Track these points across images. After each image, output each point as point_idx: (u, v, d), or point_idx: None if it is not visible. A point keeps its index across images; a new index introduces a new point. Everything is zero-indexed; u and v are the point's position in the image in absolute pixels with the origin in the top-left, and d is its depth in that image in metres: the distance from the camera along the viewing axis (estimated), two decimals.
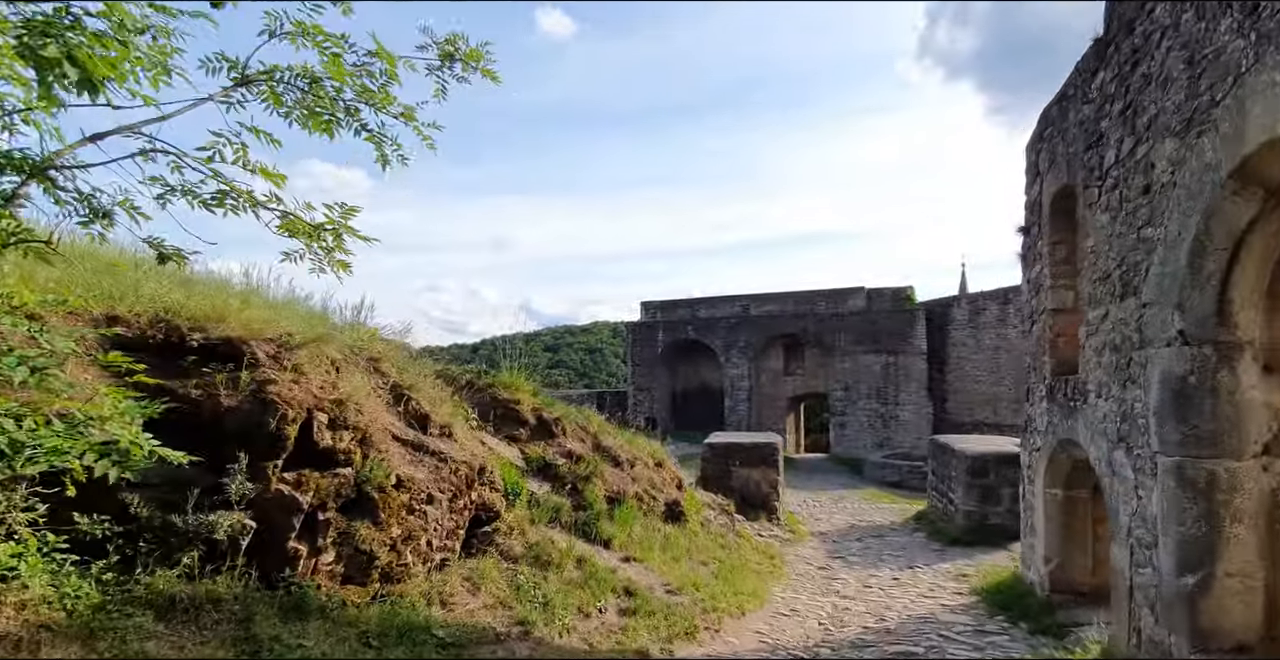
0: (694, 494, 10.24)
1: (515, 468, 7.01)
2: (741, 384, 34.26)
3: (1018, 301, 33.28)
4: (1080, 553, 7.70)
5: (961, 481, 12.32)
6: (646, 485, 8.69)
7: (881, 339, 32.43)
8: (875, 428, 32.17)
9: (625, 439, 9.16)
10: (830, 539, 12.70)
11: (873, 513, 15.80)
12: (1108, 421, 5.88)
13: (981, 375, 32.21)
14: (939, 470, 14.02)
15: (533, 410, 7.87)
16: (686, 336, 35.76)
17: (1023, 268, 8.88)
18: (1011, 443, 13.46)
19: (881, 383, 32.13)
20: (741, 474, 12.58)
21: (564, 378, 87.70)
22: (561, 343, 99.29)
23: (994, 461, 12.08)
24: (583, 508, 7.34)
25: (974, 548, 11.68)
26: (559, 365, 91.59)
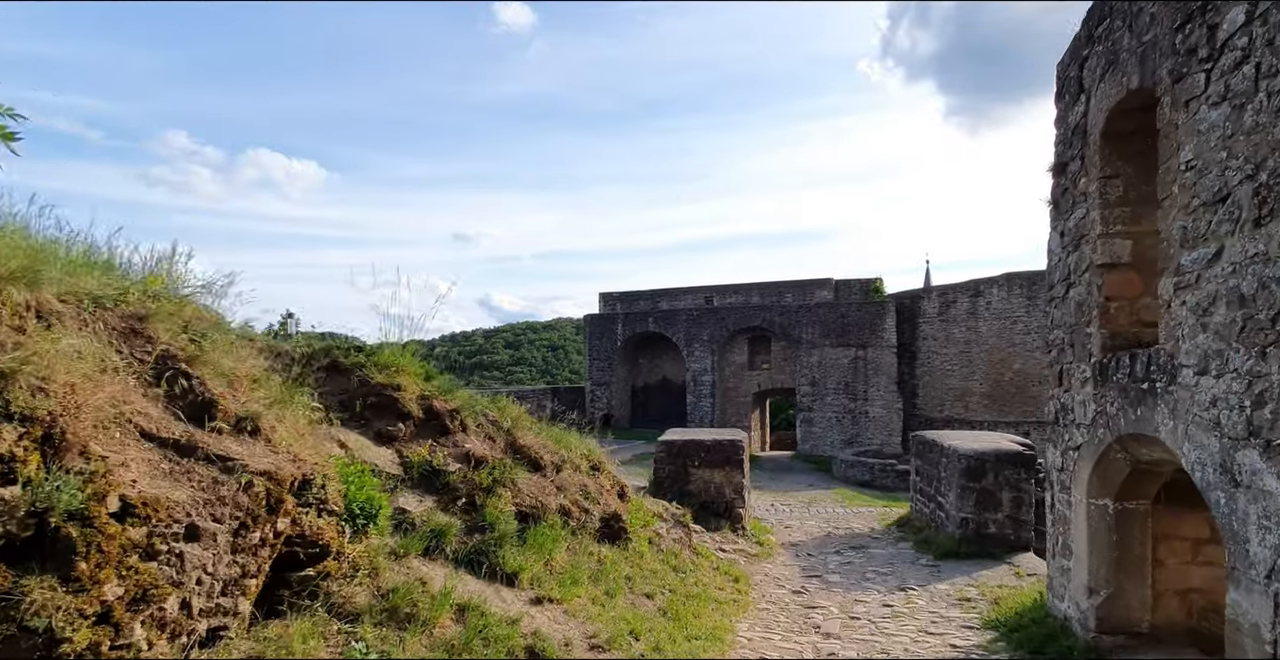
0: (642, 503, 8.30)
1: (379, 477, 4.97)
2: (704, 379, 32.47)
3: (989, 294, 32.08)
4: (1136, 582, 5.93)
5: (954, 484, 10.59)
6: (577, 495, 6.71)
7: (850, 332, 30.94)
8: (844, 424, 30.65)
9: (552, 437, 7.17)
10: (804, 551, 10.87)
11: (849, 518, 14.05)
12: (1222, 408, 4.07)
13: (952, 369, 30.90)
14: (925, 471, 12.30)
15: (419, 399, 5.83)
16: (647, 329, 33.86)
17: (1052, 218, 7.11)
18: (1008, 439, 11.80)
19: (850, 377, 30.62)
20: (701, 477, 10.67)
21: (526, 375, 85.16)
22: (523, 339, 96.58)
23: (992, 462, 10.38)
24: (480, 529, 5.33)
25: (970, 561, 9.95)
26: (521, 362, 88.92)
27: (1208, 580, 5.99)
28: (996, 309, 30.31)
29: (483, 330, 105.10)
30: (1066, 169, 6.69)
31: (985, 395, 29.87)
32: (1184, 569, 6.01)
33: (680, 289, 34.89)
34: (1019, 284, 30.30)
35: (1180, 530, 6.01)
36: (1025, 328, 29.93)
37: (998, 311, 30.29)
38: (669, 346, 34.10)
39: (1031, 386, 29.69)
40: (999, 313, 30.28)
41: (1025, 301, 30.08)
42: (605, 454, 7.83)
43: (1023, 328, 29.96)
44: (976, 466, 10.37)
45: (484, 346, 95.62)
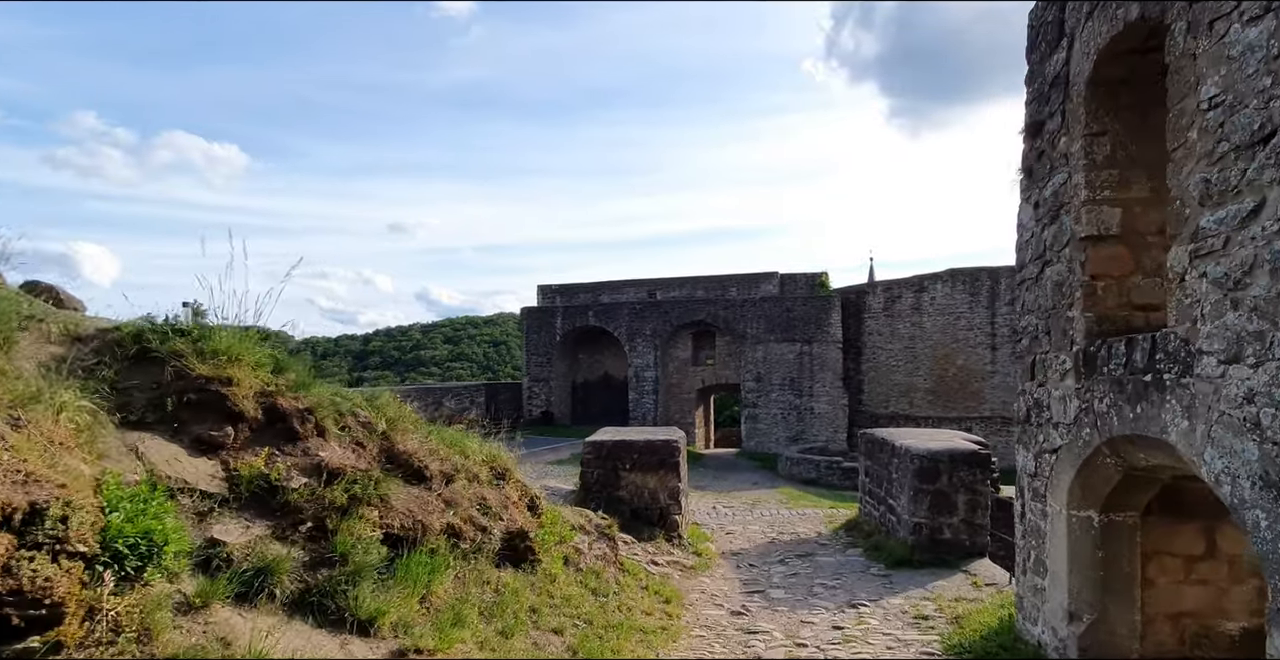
0: (559, 515, 7.20)
1: (190, 498, 3.77)
2: (647, 374, 31.51)
3: (933, 290, 31.90)
4: (1124, 605, 5.11)
5: (907, 486, 9.80)
6: (473, 511, 5.58)
7: (796, 327, 30.35)
8: (789, 421, 30.07)
9: (445, 440, 6.02)
10: (746, 561, 9.94)
11: (794, 521, 13.21)
12: (1263, 405, 3.20)
13: (897, 365, 30.62)
14: (874, 471, 11.52)
15: (259, 396, 4.61)
16: (588, 323, 32.71)
17: (1023, 187, 6.26)
18: (961, 437, 11.09)
19: (796, 373, 30.05)
20: (634, 481, 9.63)
21: (466, 371, 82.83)
22: (463, 334, 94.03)
23: (947, 462, 9.61)
24: (327, 562, 4.16)
25: (924, 570, 9.16)
26: (460, 358, 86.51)
27: (1202, 602, 5.22)
28: (940, 305, 30.12)
29: (420, 325, 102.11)
30: (1043, 129, 5.83)
31: (929, 391, 29.66)
32: (1176, 589, 5.22)
33: (622, 282, 33.82)
34: (962, 280, 30.18)
35: (1172, 545, 5.21)
36: (968, 324, 29.82)
37: (941, 307, 30.11)
38: (611, 341, 33.01)
39: (974, 382, 29.59)
40: (943, 308, 30.11)
41: (968, 298, 29.98)
42: (513, 459, 6.70)
43: (966, 324, 29.85)
44: (930, 468, 9.58)
45: (421, 341, 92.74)
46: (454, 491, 5.53)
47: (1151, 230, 5.12)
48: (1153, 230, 5.12)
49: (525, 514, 6.30)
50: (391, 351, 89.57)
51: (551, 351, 32.83)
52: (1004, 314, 29.50)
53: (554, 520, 6.83)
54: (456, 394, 30.91)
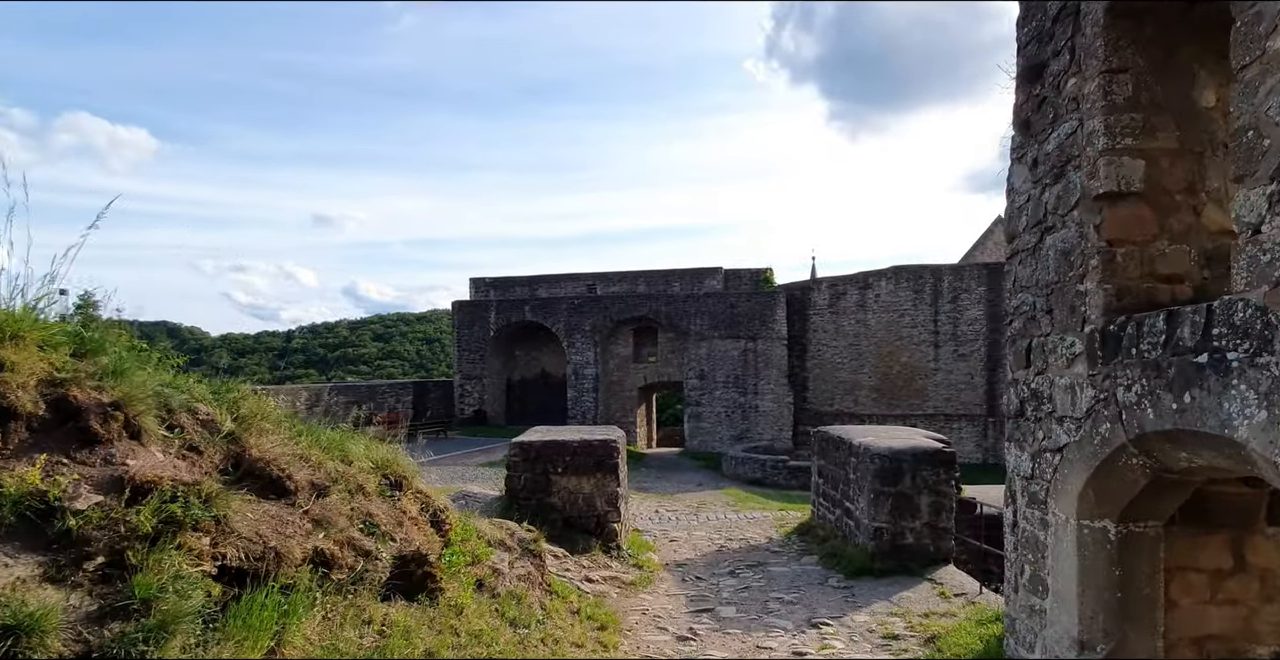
0: (474, 529, 6.07)
1: None
2: (587, 372, 30.40)
3: (877, 287, 31.65)
4: (1145, 632, 4.29)
5: (867, 488, 8.99)
6: (354, 531, 4.42)
7: (740, 323, 29.70)
8: (733, 419, 29.39)
9: (321, 443, 4.84)
10: (693, 573, 8.97)
11: (743, 525, 12.33)
12: None
13: (842, 362, 30.28)
14: (829, 472, 10.71)
15: (44, 385, 3.39)
16: (524, 318, 31.42)
17: (1016, 145, 5.43)
18: (921, 434, 10.36)
19: (740, 370, 29.39)
20: (567, 486, 8.55)
21: (397, 369, 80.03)
22: (394, 331, 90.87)
23: (910, 462, 8.83)
24: (124, 612, 2.98)
25: (887, 580, 8.37)
26: (391, 356, 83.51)
27: (1230, 624, 4.44)
28: (885, 302, 29.92)
29: (348, 321, 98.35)
30: (1044, 72, 4.99)
31: (874, 389, 29.40)
32: (1200, 611, 4.43)
33: (560, 276, 32.63)
34: (906, 278, 30.04)
35: (1197, 559, 4.42)
36: (912, 321, 29.69)
37: (886, 304, 29.91)
38: (548, 337, 31.78)
39: (918, 380, 29.46)
40: (887, 306, 29.91)
41: (912, 295, 29.86)
42: (412, 465, 5.53)
43: (910, 321, 29.71)
44: (892, 468, 8.79)
45: (350, 339, 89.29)
46: (328, 507, 4.36)
47: (1179, 187, 4.31)
48: (1180, 187, 4.32)
49: (427, 531, 5.16)
50: (317, 349, 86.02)
51: (485, 348, 31.39)
52: (947, 312, 29.48)
53: (466, 536, 5.70)
54: (382, 393, 29.24)
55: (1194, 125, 4.43)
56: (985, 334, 29.16)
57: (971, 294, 29.41)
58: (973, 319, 29.26)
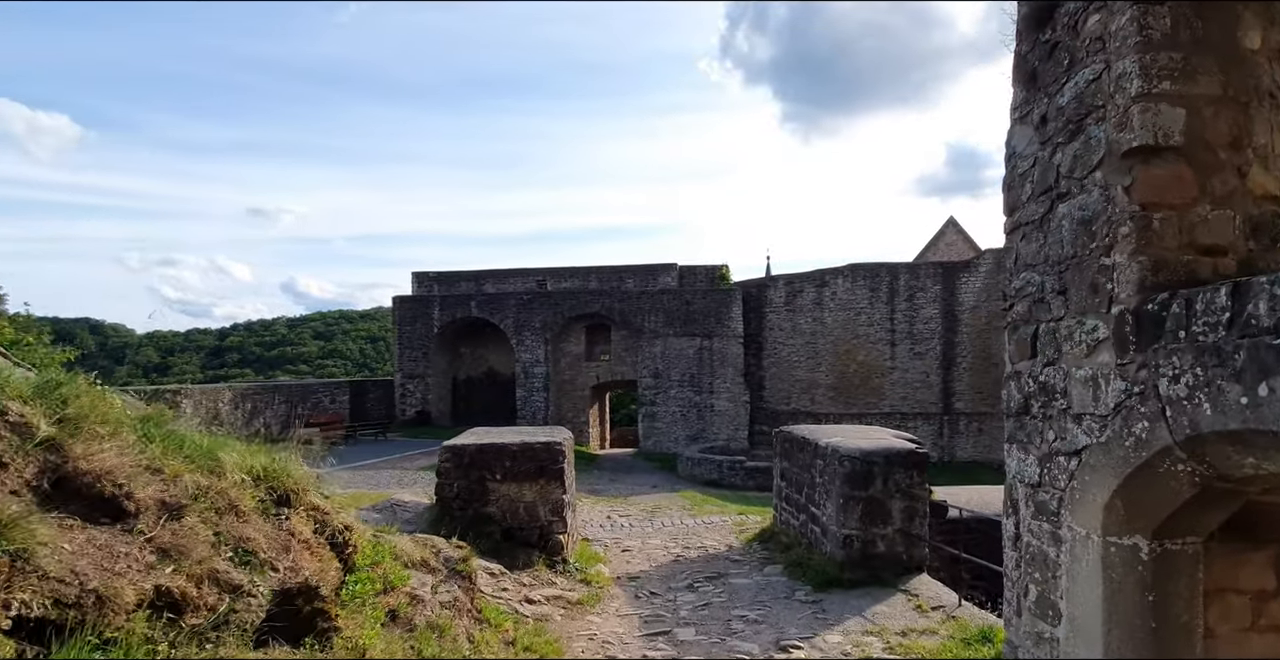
0: (389, 549, 5.15)
1: None
2: (536, 370, 29.40)
3: (834, 284, 31.30)
4: None
5: (835, 493, 8.30)
6: (219, 561, 3.49)
7: (696, 320, 29.05)
8: (689, 419, 28.72)
9: (186, 450, 3.88)
10: (647, 588, 8.15)
11: (700, 531, 11.57)
12: None
13: (799, 361, 29.88)
14: (793, 475, 10.02)
15: None
16: (469, 314, 30.24)
17: (1018, 102, 4.74)
18: (891, 434, 9.74)
19: (696, 369, 28.75)
20: (506, 494, 7.65)
21: (339, 369, 77.39)
22: (336, 330, 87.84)
23: (882, 464, 8.18)
24: None
25: (858, 591, 7.70)
26: (333, 355, 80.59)
27: (1272, 654, 3.82)
28: (842, 300, 29.62)
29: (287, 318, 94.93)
30: (1056, 12, 4.30)
31: (831, 387, 29.07)
32: (1240, 639, 3.79)
33: (509, 271, 31.53)
34: (863, 276, 29.81)
35: (1237, 580, 3.77)
36: (869, 319, 29.46)
37: (843, 302, 29.61)
38: (496, 334, 30.65)
39: (875, 378, 29.23)
40: (844, 304, 29.62)
41: (869, 293, 29.63)
42: (307, 475, 4.59)
43: (866, 319, 29.47)
44: (863, 471, 8.12)
45: (288, 337, 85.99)
46: (183, 532, 3.42)
47: (1222, 142, 3.65)
48: (1224, 142, 3.66)
49: (323, 556, 4.23)
50: (253, 347, 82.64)
51: (428, 345, 30.09)
52: (903, 310, 29.32)
53: (377, 559, 4.78)
54: (316, 392, 27.75)
55: (1239, 70, 3.77)
56: (941, 333, 29.09)
57: (927, 293, 29.32)
58: (928, 318, 29.16)
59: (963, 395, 29.10)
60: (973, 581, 9.49)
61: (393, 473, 17.85)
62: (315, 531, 4.38)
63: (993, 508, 9.63)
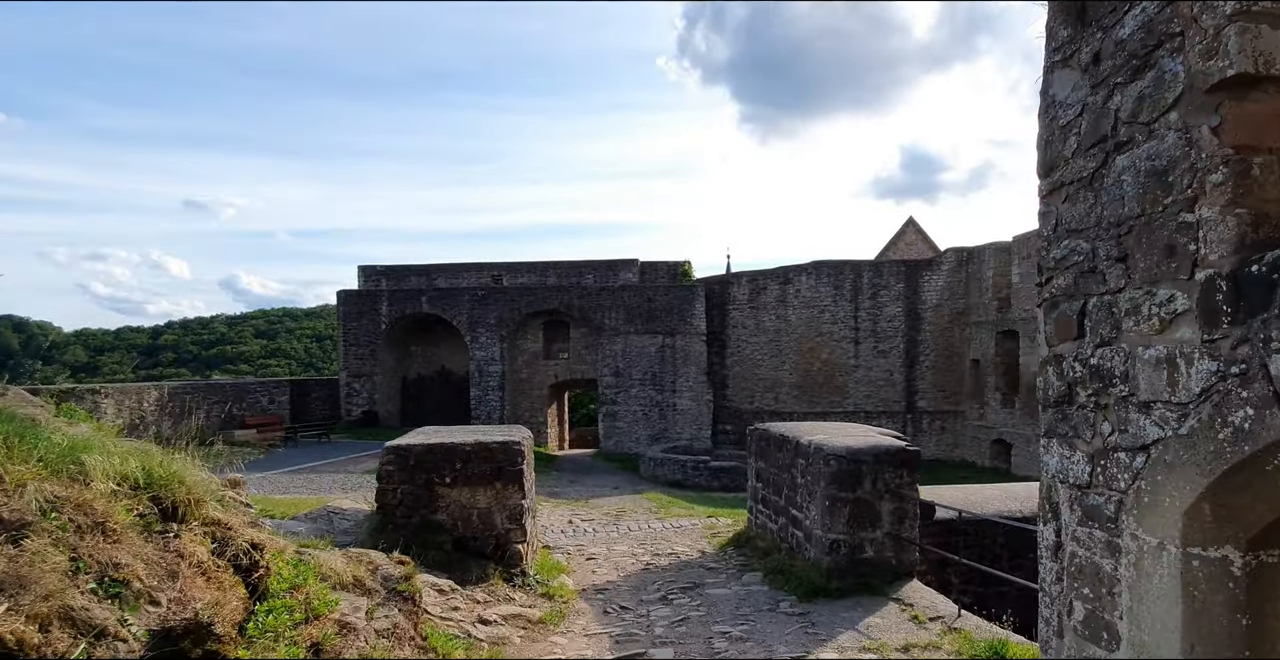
0: (317, 567, 4.29)
1: None
2: (491, 369, 28.40)
3: (798, 282, 30.95)
4: None
5: (820, 494, 7.66)
6: (75, 595, 2.61)
7: (658, 317, 28.38)
8: (651, 418, 28.03)
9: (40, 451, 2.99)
10: (616, 601, 7.39)
11: (670, 536, 10.85)
12: None
13: (762, 358, 29.44)
14: (770, 475, 9.36)
15: None
16: (420, 310, 29.07)
17: (1062, 40, 4.09)
18: (877, 431, 9.15)
19: (658, 367, 28.08)
20: (457, 500, 6.81)
21: (283, 368, 74.75)
22: (280, 328, 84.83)
23: (871, 463, 7.56)
24: None
25: (847, 601, 7.06)
26: (276, 354, 77.77)
27: None
28: (805, 297, 29.28)
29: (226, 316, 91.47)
30: None
31: (795, 386, 28.69)
32: None
33: (462, 265, 30.42)
34: (827, 273, 29.52)
35: None
36: (833, 317, 29.17)
37: (807, 300, 29.27)
38: (449, 331, 29.53)
39: (839, 376, 28.95)
40: (808, 301, 29.28)
41: (832, 291, 29.35)
42: (209, 482, 3.72)
43: (830, 317, 29.18)
44: (850, 471, 7.49)
45: (228, 335, 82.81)
46: (24, 559, 2.55)
47: None
48: None
49: (224, 583, 3.37)
50: (189, 346, 79.33)
51: (376, 342, 28.80)
52: (867, 308, 29.11)
53: (297, 582, 3.92)
54: (253, 392, 26.28)
55: None
56: (904, 331, 28.96)
57: (890, 291, 29.17)
58: (892, 316, 29.00)
59: (926, 393, 29.02)
60: (962, 585, 8.99)
61: (335, 476, 16.75)
62: (215, 552, 3.52)
63: (981, 508, 9.15)
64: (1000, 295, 28.25)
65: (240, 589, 3.57)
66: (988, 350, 28.49)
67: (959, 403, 29.37)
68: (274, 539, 4.00)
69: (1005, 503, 9.59)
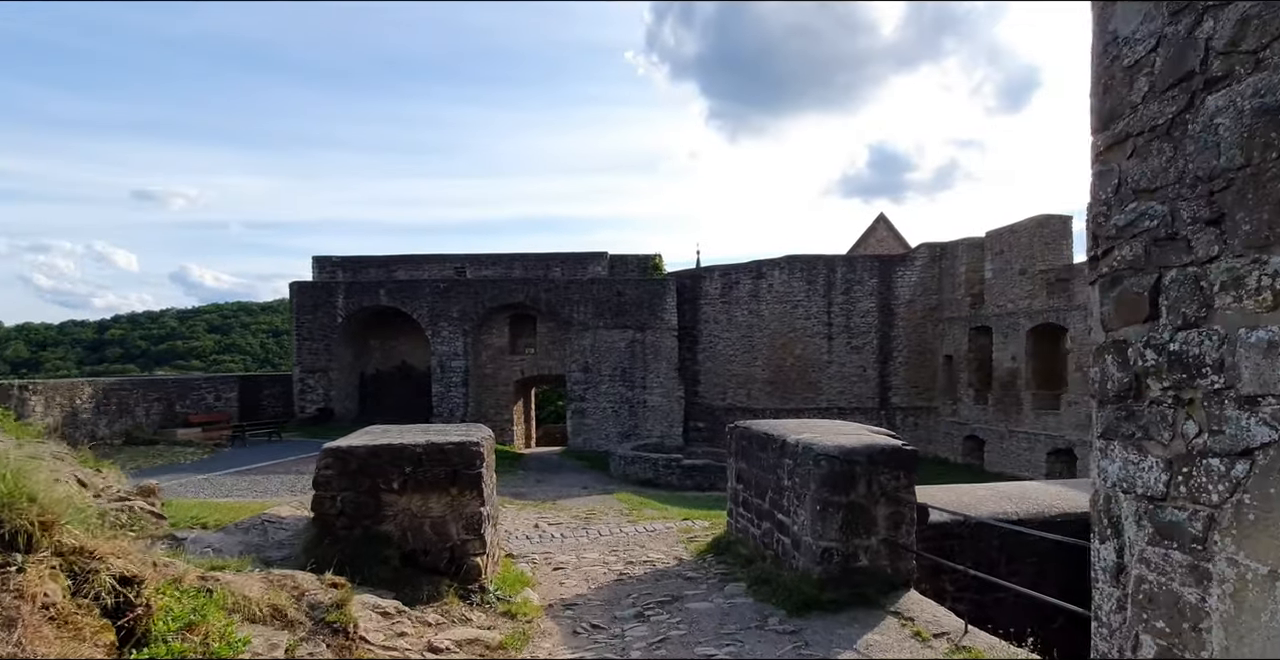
0: (220, 599, 3.49)
1: None
2: (454, 364, 27.43)
3: (771, 276, 30.45)
4: None
5: (810, 498, 7.00)
6: None
7: (628, 312, 27.66)
8: (621, 415, 27.31)
9: None
10: (587, 619, 6.65)
11: (643, 541, 10.14)
12: None
13: (735, 354, 28.89)
14: (752, 476, 8.70)
15: None
16: (378, 302, 27.95)
17: None
18: (868, 429, 8.53)
19: (628, 363, 27.36)
20: (407, 508, 6.02)
21: (238, 364, 72.55)
22: (234, 323, 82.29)
23: (865, 463, 6.93)
24: None
25: (843, 616, 6.42)
26: (230, 350, 75.39)
27: None
28: (779, 292, 28.79)
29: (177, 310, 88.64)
30: None
31: (768, 382, 28.20)
32: None
33: (423, 257, 29.32)
34: (800, 267, 29.07)
35: None
36: (806, 312, 28.73)
37: (780, 294, 28.79)
38: (410, 325, 28.48)
39: (812, 372, 28.53)
40: (781, 296, 28.80)
41: (806, 285, 28.91)
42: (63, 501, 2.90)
43: (803, 312, 28.74)
44: (844, 472, 6.85)
45: (179, 330, 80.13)
46: None
47: None
48: None
49: (82, 628, 2.57)
50: (137, 342, 76.52)
51: (331, 336, 27.62)
52: (840, 303, 28.72)
53: (193, 619, 3.11)
54: (198, 389, 24.98)
55: None
56: (877, 326, 28.64)
57: (864, 286, 28.82)
58: (865, 311, 28.66)
59: (899, 389, 28.75)
60: (957, 592, 8.43)
61: (284, 478, 15.74)
62: (73, 590, 2.71)
63: (975, 509, 8.60)
64: (973, 291, 28.08)
65: (108, 635, 2.77)
66: (960, 346, 28.32)
67: (932, 399, 29.16)
68: (155, 567, 3.19)
69: (999, 503, 9.05)
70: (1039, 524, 7.97)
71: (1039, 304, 24.86)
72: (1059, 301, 24.12)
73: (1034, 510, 8.87)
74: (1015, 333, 25.62)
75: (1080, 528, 4.34)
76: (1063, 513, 8.76)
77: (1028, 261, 25.40)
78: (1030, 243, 25.31)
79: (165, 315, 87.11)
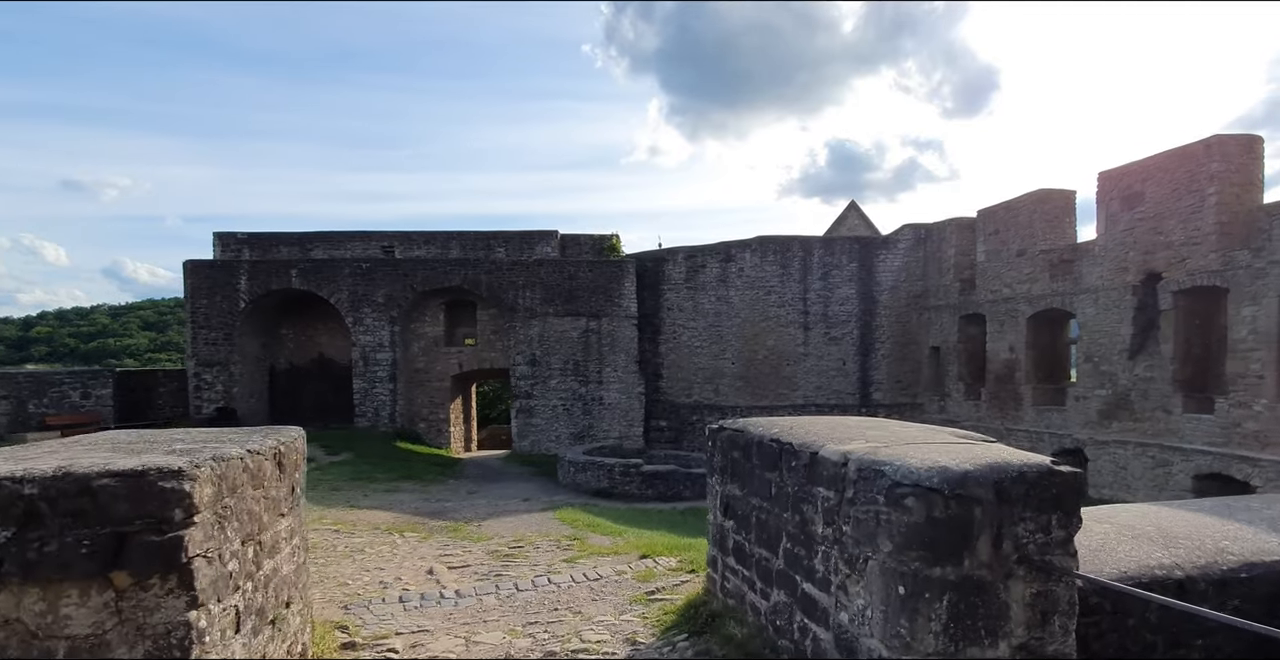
0: None
1: None
2: (380, 356, 23.75)
3: (740, 259, 27.25)
4: None
5: (879, 567, 3.74)
6: None
7: (581, 297, 24.30)
8: (573, 414, 23.93)
9: None
10: None
11: (581, 599, 6.78)
12: None
13: (701, 346, 25.70)
14: (752, 509, 5.42)
15: None
16: (289, 285, 24.11)
17: None
18: (972, 438, 5.30)
19: (581, 355, 24.01)
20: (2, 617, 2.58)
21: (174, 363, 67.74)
22: (172, 319, 77.11)
23: (992, 501, 3.64)
24: None
25: None
26: (168, 347, 70.39)
27: None
28: (749, 277, 25.71)
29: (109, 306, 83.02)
30: None
31: (738, 376, 25.10)
32: None
33: (345, 234, 25.59)
34: (773, 250, 26.04)
35: None
36: (779, 299, 25.70)
37: (751, 280, 25.71)
38: (328, 312, 24.73)
39: (786, 366, 25.51)
40: (752, 281, 25.73)
41: (779, 270, 25.89)
42: None
43: (777, 299, 25.70)
44: (953, 519, 3.57)
45: (111, 327, 74.88)
46: None
47: None
48: None
49: None
50: (66, 339, 71.22)
51: (233, 324, 23.73)
52: (817, 290, 25.76)
53: None
54: (60, 384, 20.97)
55: None
56: (858, 315, 25.78)
57: (843, 271, 25.94)
58: (844, 298, 25.78)
59: (881, 385, 25.93)
60: None
61: None
62: None
63: (1105, 556, 5.47)
64: (963, 276, 25.40)
65: None
66: (949, 336, 25.62)
67: (917, 395, 26.43)
68: None
69: (1135, 546, 5.79)
70: (1217, 583, 4.94)
71: (1040, 288, 22.24)
72: (1064, 284, 21.50)
73: (1199, 559, 5.73)
74: (1013, 320, 22.99)
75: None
76: (1245, 562, 5.68)
77: (1027, 241, 22.77)
78: (1030, 221, 22.67)
79: (96, 312, 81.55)
